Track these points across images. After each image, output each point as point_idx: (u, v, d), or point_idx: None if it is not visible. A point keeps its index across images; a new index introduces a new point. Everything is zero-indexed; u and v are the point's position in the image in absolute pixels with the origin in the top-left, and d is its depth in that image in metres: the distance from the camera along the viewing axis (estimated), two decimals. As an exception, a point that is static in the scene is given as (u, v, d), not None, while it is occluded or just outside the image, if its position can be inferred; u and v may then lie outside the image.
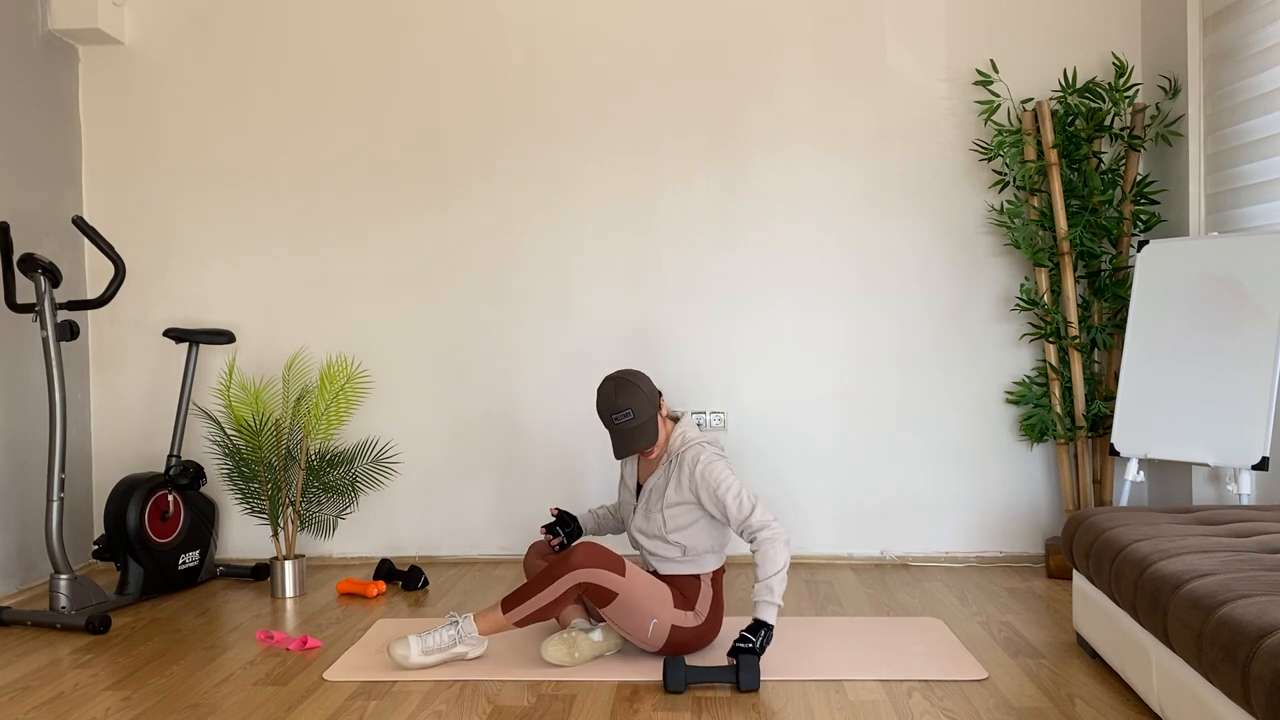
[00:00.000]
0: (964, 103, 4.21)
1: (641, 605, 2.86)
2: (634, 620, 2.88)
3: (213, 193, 4.40)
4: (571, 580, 2.81)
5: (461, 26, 4.32)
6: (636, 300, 4.30)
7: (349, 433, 4.37)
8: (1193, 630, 2.06)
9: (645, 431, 2.92)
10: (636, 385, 2.92)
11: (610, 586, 2.82)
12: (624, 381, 2.93)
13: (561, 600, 2.83)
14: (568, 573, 2.81)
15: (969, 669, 2.88)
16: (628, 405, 2.90)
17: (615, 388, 2.92)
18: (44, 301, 3.51)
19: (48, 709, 2.69)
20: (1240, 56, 3.59)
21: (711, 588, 2.99)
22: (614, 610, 2.86)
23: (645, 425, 2.92)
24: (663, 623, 2.89)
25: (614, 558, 2.85)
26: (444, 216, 4.34)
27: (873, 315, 4.25)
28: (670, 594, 2.92)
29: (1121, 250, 4.05)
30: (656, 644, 2.92)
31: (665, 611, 2.89)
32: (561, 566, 2.82)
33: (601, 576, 2.81)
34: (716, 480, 2.89)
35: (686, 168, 4.27)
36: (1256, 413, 3.29)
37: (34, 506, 4.01)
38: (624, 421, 2.90)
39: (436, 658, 2.90)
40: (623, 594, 2.83)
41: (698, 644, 2.97)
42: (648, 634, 2.89)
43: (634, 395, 2.91)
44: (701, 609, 2.96)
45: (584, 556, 2.81)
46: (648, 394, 2.93)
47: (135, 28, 4.40)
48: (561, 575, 2.81)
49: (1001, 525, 4.24)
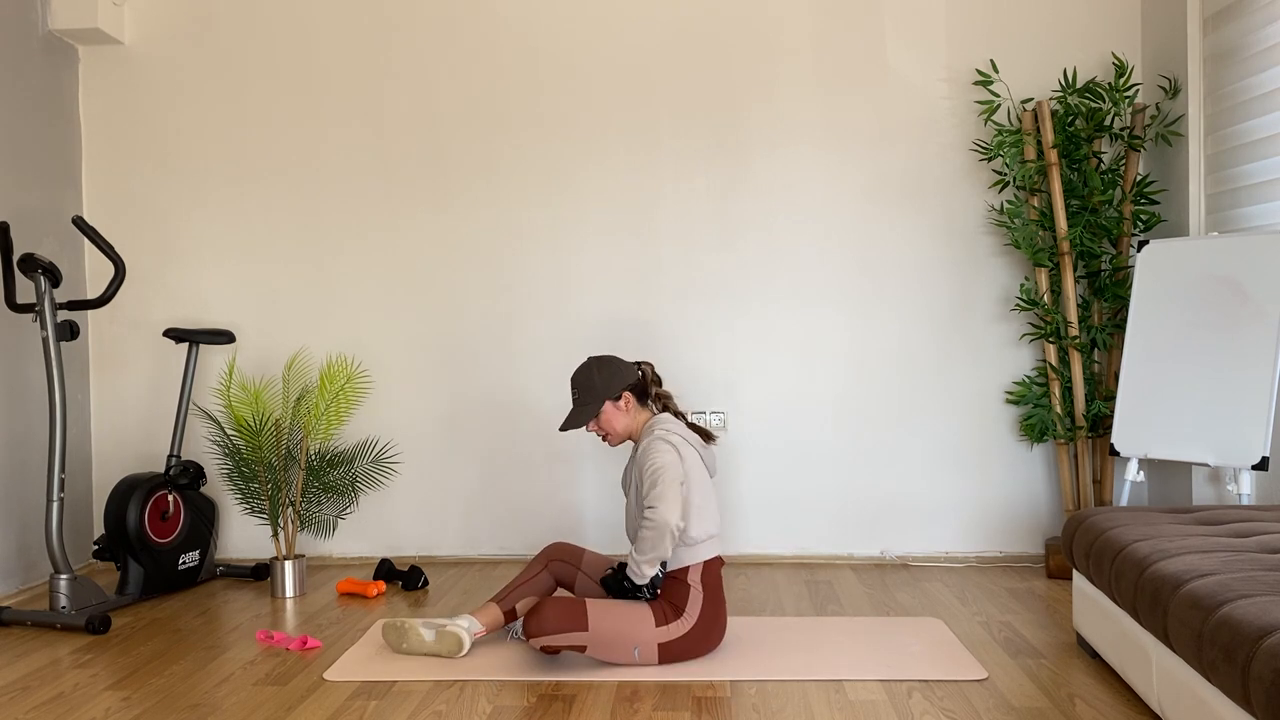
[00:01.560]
0: (964, 103, 4.21)
1: (616, 640, 2.88)
2: (617, 652, 2.89)
3: (213, 193, 4.40)
4: (538, 644, 2.87)
5: (461, 27, 4.33)
6: (637, 300, 4.30)
7: (349, 433, 4.37)
8: (1193, 630, 2.06)
9: (582, 412, 3.05)
10: (594, 369, 3.06)
11: (575, 642, 2.86)
12: (589, 362, 3.09)
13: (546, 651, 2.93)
14: (531, 639, 2.87)
15: (969, 669, 2.88)
16: (577, 385, 3.07)
17: (581, 367, 3.10)
18: (44, 301, 3.51)
19: (48, 709, 2.69)
20: (1240, 56, 3.59)
21: (702, 588, 2.95)
22: (594, 649, 2.89)
23: (585, 407, 3.05)
24: (647, 645, 2.89)
25: (573, 612, 2.86)
26: (444, 216, 4.34)
27: (873, 315, 4.25)
28: (650, 615, 2.90)
29: (1121, 250, 4.05)
30: (650, 663, 2.92)
31: (646, 634, 2.89)
32: (526, 633, 2.87)
33: (562, 639, 2.86)
34: (651, 460, 2.91)
35: (687, 167, 4.27)
36: (1256, 413, 3.29)
37: (34, 506, 4.02)
38: (573, 398, 3.08)
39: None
40: (591, 644, 2.87)
41: (696, 649, 2.95)
42: (634, 658, 2.90)
43: (587, 377, 3.06)
44: (691, 613, 2.93)
45: (538, 624, 2.85)
46: (602, 379, 3.04)
47: (135, 28, 4.40)
48: (530, 640, 2.88)
49: (1001, 525, 4.24)
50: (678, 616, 2.92)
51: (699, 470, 2.99)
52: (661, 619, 2.90)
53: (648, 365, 3.15)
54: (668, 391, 3.16)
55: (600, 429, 3.08)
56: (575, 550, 3.23)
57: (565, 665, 2.94)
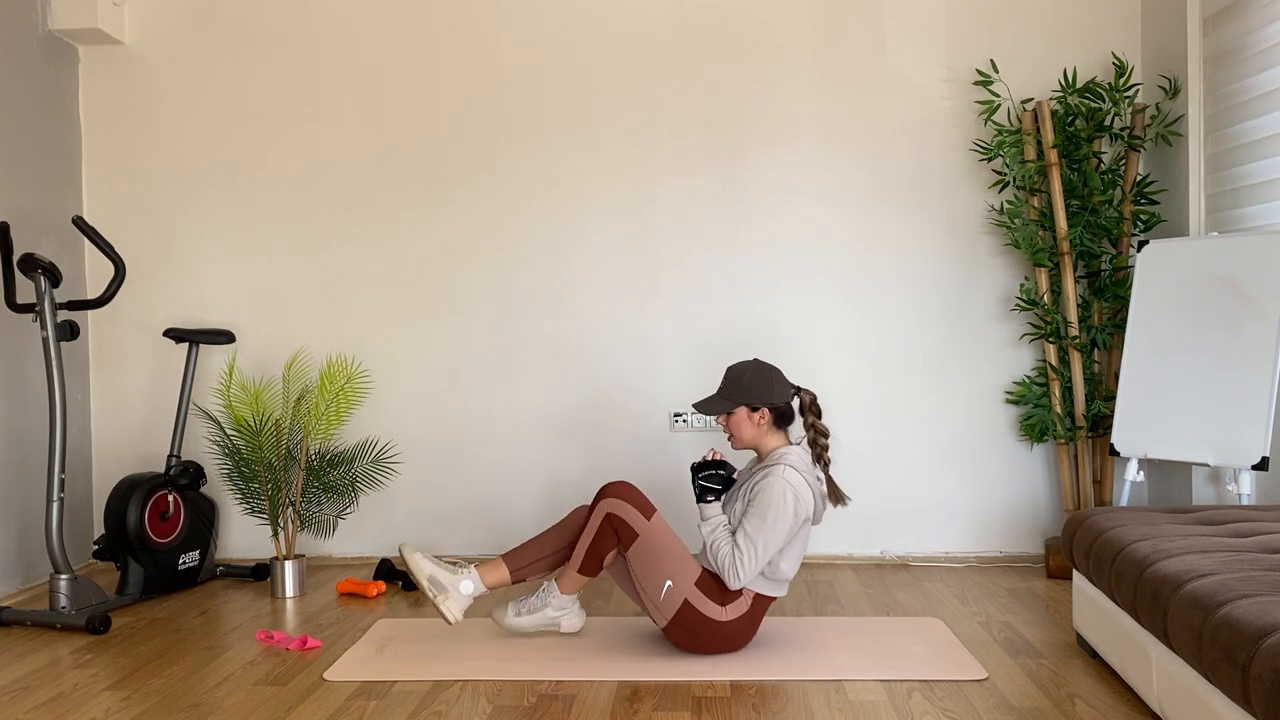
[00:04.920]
0: (964, 103, 4.21)
1: (660, 558, 2.92)
2: (651, 573, 2.93)
3: (213, 193, 4.40)
4: (603, 511, 2.99)
5: (461, 26, 4.33)
6: (636, 299, 4.29)
7: (349, 433, 4.37)
8: (1193, 630, 2.06)
9: (717, 404, 3.06)
10: (751, 371, 3.04)
11: (633, 524, 2.95)
12: (751, 363, 3.07)
13: (600, 539, 2.99)
14: (602, 499, 2.99)
15: (969, 669, 2.88)
16: (729, 378, 3.07)
17: (742, 362, 3.15)
18: (44, 301, 3.51)
19: (48, 709, 2.69)
20: (1240, 56, 3.59)
21: (750, 607, 2.97)
22: (635, 554, 2.95)
23: (723, 401, 3.05)
24: (677, 589, 2.91)
25: (646, 502, 3.00)
26: (444, 216, 4.34)
27: (873, 315, 4.25)
28: (698, 571, 2.94)
29: (1121, 250, 4.05)
30: (667, 612, 2.92)
31: (683, 580, 2.91)
32: (597, 498, 3.00)
33: (627, 511, 2.96)
34: (765, 498, 2.89)
35: (686, 166, 4.27)
36: (1256, 413, 3.29)
37: (34, 506, 4.02)
38: (720, 386, 3.09)
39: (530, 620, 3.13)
40: (643, 535, 2.95)
41: (707, 641, 2.95)
42: (660, 595, 2.91)
43: (740, 375, 3.05)
44: (730, 612, 2.94)
45: (616, 489, 2.99)
46: (753, 384, 3.02)
47: (135, 28, 4.40)
48: (596, 504, 2.99)
49: (1001, 525, 4.24)
50: (718, 604, 2.94)
51: (810, 515, 2.98)
52: (703, 587, 2.93)
53: (809, 394, 3.08)
54: (826, 428, 3.06)
55: (728, 428, 3.09)
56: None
57: (565, 665, 2.94)
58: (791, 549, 2.98)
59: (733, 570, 2.88)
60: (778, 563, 2.95)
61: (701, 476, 3.02)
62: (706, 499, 2.99)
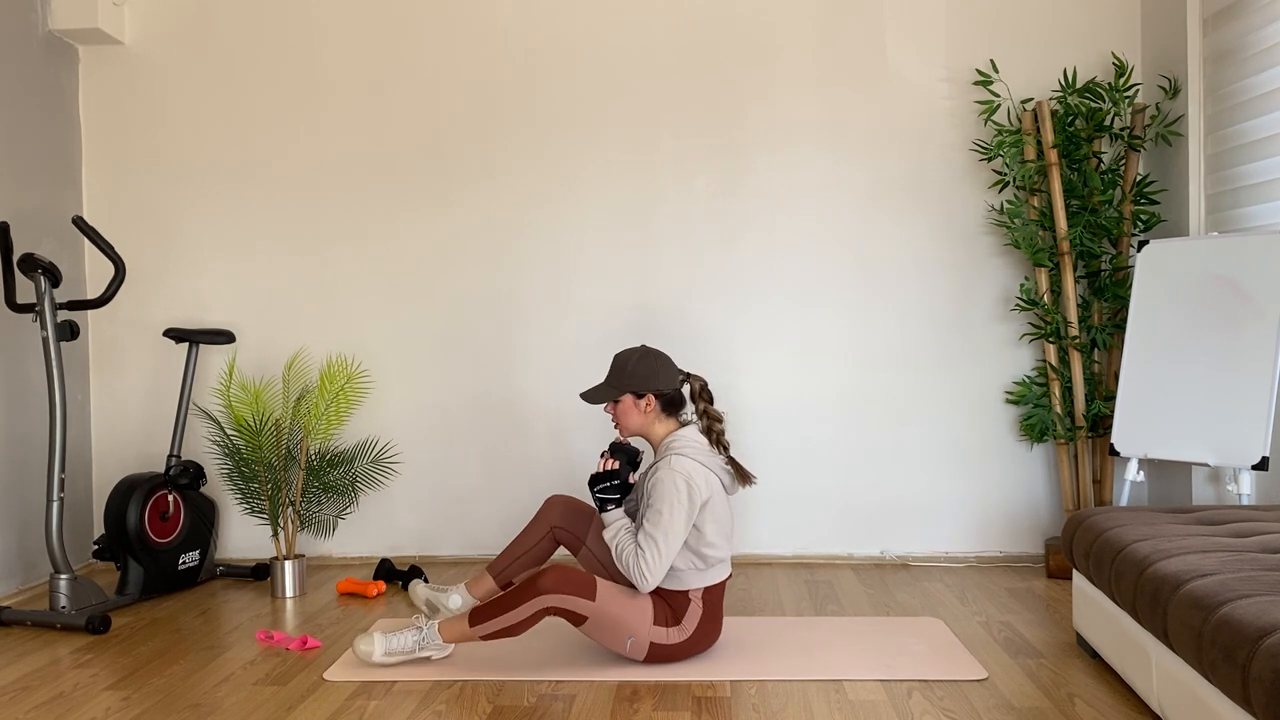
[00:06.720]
0: (964, 103, 4.21)
1: (616, 625, 2.85)
2: (611, 637, 2.87)
3: (213, 193, 4.40)
4: (538, 605, 2.78)
5: (461, 26, 4.33)
6: (636, 299, 4.29)
7: (349, 433, 4.37)
8: (1193, 630, 2.06)
9: (603, 392, 3.00)
10: (636, 358, 2.98)
11: (579, 611, 2.80)
12: (638, 350, 3.01)
13: (527, 623, 2.80)
14: (535, 596, 2.77)
15: (969, 669, 2.88)
16: (615, 365, 3.01)
17: (629, 349, 3.03)
18: (44, 301, 3.51)
19: (48, 709, 2.69)
20: (1240, 56, 3.59)
21: (703, 606, 2.93)
22: (588, 630, 2.86)
23: (608, 389, 2.99)
24: (640, 639, 2.87)
25: (585, 580, 2.81)
26: (444, 216, 4.34)
27: (873, 315, 4.25)
28: (651, 609, 2.87)
29: (1121, 250, 4.05)
30: (638, 657, 2.91)
31: (643, 629, 2.86)
32: (530, 589, 2.78)
33: (570, 602, 2.79)
34: (659, 494, 2.84)
35: (687, 167, 4.27)
36: (1256, 413, 3.29)
37: (34, 506, 4.02)
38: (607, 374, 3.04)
39: (398, 659, 2.93)
40: (593, 617, 2.82)
41: (683, 656, 2.94)
42: (625, 650, 2.89)
43: (625, 362, 2.99)
44: (688, 625, 2.91)
45: (552, 581, 2.78)
46: (638, 371, 2.96)
47: (135, 28, 4.40)
48: (530, 599, 2.77)
49: (1001, 525, 4.24)
50: (675, 624, 2.90)
51: (718, 495, 2.92)
52: (660, 620, 2.89)
53: (699, 381, 3.03)
54: (719, 413, 3.01)
55: (615, 416, 3.02)
56: (580, 518, 3.18)
57: (565, 665, 2.94)
58: (709, 529, 2.88)
59: (638, 570, 2.81)
60: (699, 549, 2.88)
61: (598, 490, 2.92)
62: (606, 509, 2.92)
